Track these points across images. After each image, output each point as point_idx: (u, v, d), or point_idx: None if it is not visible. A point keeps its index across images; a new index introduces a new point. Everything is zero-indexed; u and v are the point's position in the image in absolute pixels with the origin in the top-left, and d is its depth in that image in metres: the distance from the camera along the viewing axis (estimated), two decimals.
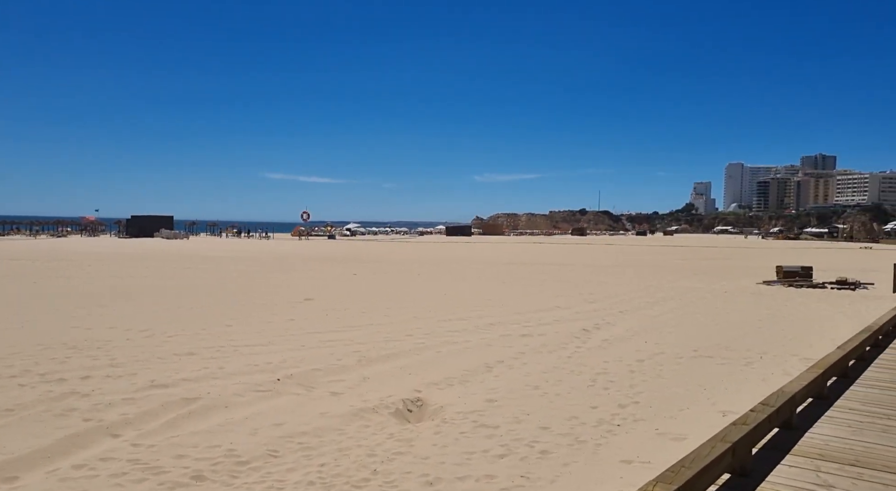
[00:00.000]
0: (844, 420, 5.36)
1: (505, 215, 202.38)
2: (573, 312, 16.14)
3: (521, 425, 6.90)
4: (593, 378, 9.05)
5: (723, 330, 13.64)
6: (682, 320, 15.04)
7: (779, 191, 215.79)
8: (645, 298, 19.73)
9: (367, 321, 13.94)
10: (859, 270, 34.56)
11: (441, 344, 11.44)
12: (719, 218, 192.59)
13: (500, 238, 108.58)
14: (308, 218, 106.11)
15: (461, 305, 17.04)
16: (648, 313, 16.22)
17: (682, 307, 17.76)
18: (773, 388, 8.65)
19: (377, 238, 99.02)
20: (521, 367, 9.78)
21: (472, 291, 21.23)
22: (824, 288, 24.40)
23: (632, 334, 12.85)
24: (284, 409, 7.30)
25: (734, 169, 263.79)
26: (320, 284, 22.63)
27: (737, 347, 11.64)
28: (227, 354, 10.21)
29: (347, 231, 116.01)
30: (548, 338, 12.22)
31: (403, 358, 10.22)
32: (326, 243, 75.37)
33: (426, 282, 24.46)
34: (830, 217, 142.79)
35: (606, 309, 16.88)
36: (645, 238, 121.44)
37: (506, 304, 17.61)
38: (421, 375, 9.12)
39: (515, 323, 14.01)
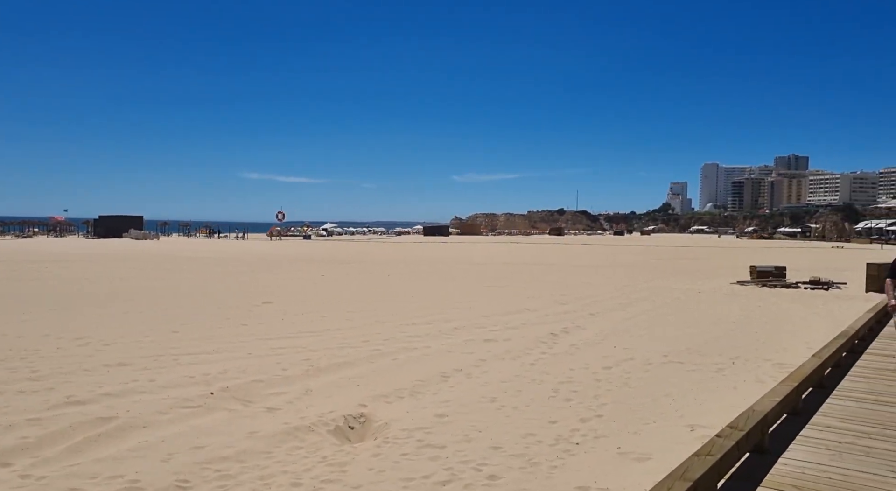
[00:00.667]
0: (822, 441, 4.81)
1: (483, 215, 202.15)
2: (542, 314, 15.56)
3: (471, 445, 6.26)
4: (556, 388, 8.45)
5: (695, 333, 13.16)
6: (654, 323, 14.55)
7: (753, 191, 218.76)
8: (618, 300, 19.26)
9: (324, 326, 13.21)
10: (832, 269, 34.62)
11: (399, 351, 10.77)
12: (695, 218, 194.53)
13: (477, 238, 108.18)
14: (283, 218, 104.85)
15: (427, 308, 16.38)
16: (620, 315, 15.71)
17: (656, 309, 17.30)
18: (745, 396, 8.15)
19: (354, 238, 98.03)
20: (479, 376, 9.14)
21: (441, 292, 20.59)
22: (797, 288, 24.21)
23: (601, 338, 12.30)
24: (209, 428, 6.57)
25: (710, 169, 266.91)
26: (284, 286, 21.80)
27: (709, 351, 11.14)
28: (164, 363, 9.42)
29: (324, 231, 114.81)
30: (513, 343, 11.61)
31: (355, 367, 9.53)
32: (301, 244, 74.20)
33: (395, 283, 23.76)
34: (803, 217, 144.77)
35: (577, 311, 16.35)
36: (622, 238, 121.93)
37: (474, 306, 16.99)
38: (371, 386, 8.43)
39: (481, 327, 13.38)
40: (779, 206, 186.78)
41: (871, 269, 22.92)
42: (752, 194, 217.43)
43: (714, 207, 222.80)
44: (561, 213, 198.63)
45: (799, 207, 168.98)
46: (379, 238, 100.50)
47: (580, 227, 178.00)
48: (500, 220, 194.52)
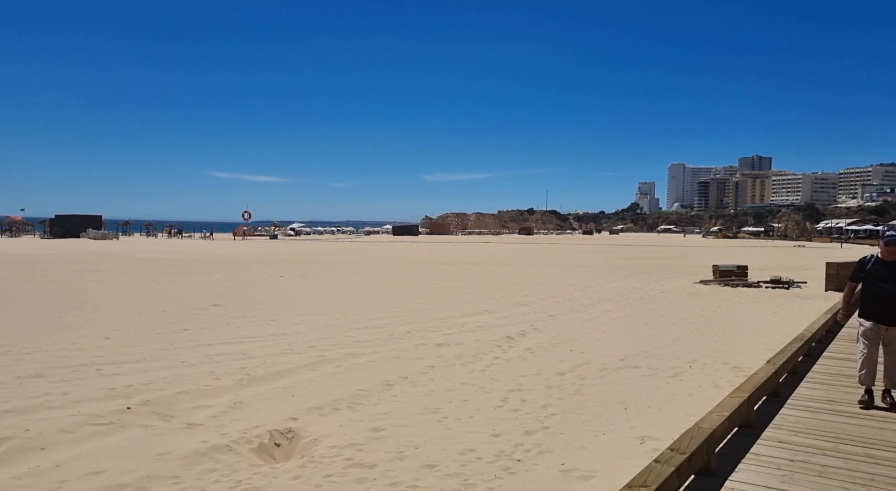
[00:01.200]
0: (773, 460, 4.41)
1: (454, 215, 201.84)
2: (501, 316, 15.14)
3: (404, 463, 5.75)
4: (504, 397, 7.99)
5: (654, 335, 12.87)
6: (613, 325, 14.23)
7: (718, 191, 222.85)
8: (580, 300, 18.96)
9: (271, 330, 12.56)
10: (793, 268, 35.01)
11: (344, 357, 10.20)
12: (663, 217, 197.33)
13: (446, 238, 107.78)
14: (249, 217, 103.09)
15: (383, 310, 15.82)
16: (581, 317, 15.37)
17: (617, 310, 17.03)
18: (699, 404, 7.80)
19: (322, 238, 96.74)
20: (425, 384, 8.64)
21: (401, 293, 20.04)
22: (759, 287, 24.27)
23: (558, 342, 11.90)
24: (115, 449, 5.93)
25: (676, 169, 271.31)
26: (238, 288, 21.00)
27: (666, 354, 10.82)
28: (85, 374, 8.70)
29: (291, 231, 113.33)
30: (466, 347, 11.14)
31: (294, 375, 8.94)
32: (266, 243, 72.83)
33: (355, 284, 23.13)
34: (766, 216, 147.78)
35: (537, 312, 15.97)
36: (591, 237, 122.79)
37: (432, 307, 16.49)
38: (307, 396, 7.86)
39: (435, 330, 12.88)
40: (743, 206, 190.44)
41: (831, 268, 23.08)
42: (718, 194, 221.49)
43: (681, 207, 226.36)
44: (531, 213, 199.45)
45: (762, 207, 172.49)
46: (347, 238, 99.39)
47: (550, 227, 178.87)
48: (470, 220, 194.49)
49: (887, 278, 5.99)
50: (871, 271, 6.15)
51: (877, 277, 6.07)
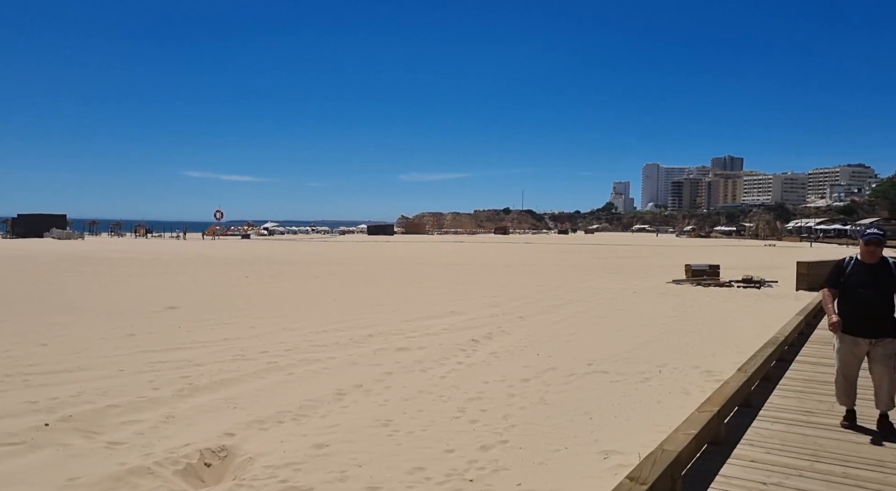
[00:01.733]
0: (745, 484, 3.97)
1: (430, 214, 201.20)
2: (468, 318, 14.65)
3: (345, 485, 5.21)
4: (463, 406, 7.48)
5: (625, 337, 12.49)
6: (584, 326, 13.83)
7: (692, 191, 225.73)
8: (551, 301, 18.56)
9: (223, 335, 11.90)
10: (764, 267, 35.17)
11: (297, 363, 9.61)
12: (637, 217, 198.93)
13: (422, 237, 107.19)
14: (221, 217, 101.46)
15: (347, 312, 15.23)
16: (550, 318, 14.95)
17: (588, 310, 16.66)
18: (668, 413, 7.38)
19: (296, 238, 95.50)
20: (381, 392, 8.10)
21: (367, 294, 19.45)
22: (731, 286, 24.18)
23: (525, 345, 11.44)
24: (20, 474, 5.29)
25: (651, 169, 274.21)
26: (199, 289, 20.21)
27: (636, 357, 10.42)
28: (9, 386, 7.99)
29: (265, 230, 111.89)
30: (428, 351, 10.61)
31: (240, 384, 8.32)
32: (238, 243, 71.58)
33: (322, 285, 22.47)
34: (738, 216, 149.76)
35: (506, 314, 15.51)
36: (566, 237, 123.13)
37: (398, 309, 15.94)
38: (250, 408, 7.27)
39: (398, 333, 12.33)
40: (716, 206, 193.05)
41: (801, 267, 23.06)
42: (691, 194, 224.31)
43: (655, 207, 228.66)
44: (507, 213, 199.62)
45: (734, 207, 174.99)
46: (322, 237, 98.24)
47: (526, 227, 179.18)
48: (446, 220, 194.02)
49: (868, 283, 5.14)
50: (850, 275, 5.29)
51: (856, 283, 5.22)
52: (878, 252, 5.23)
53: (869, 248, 5.23)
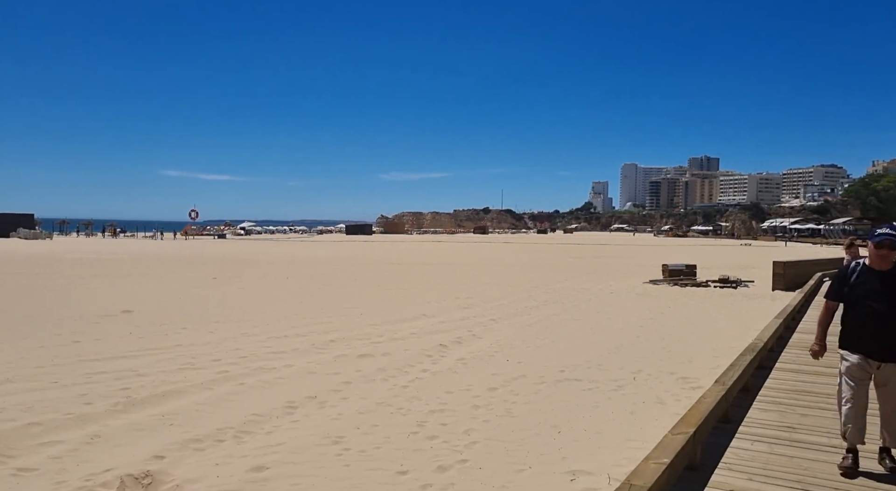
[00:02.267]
0: None
1: (410, 214, 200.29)
2: (439, 321, 14.10)
3: None
4: (422, 421, 6.93)
5: (599, 340, 12.05)
6: (558, 329, 13.36)
7: (669, 190, 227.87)
8: (525, 302, 18.10)
9: (176, 341, 11.20)
10: (740, 266, 35.17)
11: (250, 372, 8.97)
12: (616, 216, 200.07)
13: (400, 237, 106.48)
14: (196, 216, 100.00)
15: (312, 315, 14.59)
16: (524, 321, 14.47)
17: (563, 312, 16.21)
18: (642, 425, 6.90)
19: (273, 237, 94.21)
20: (336, 405, 7.52)
21: (337, 296, 18.81)
22: (708, 286, 23.97)
23: (496, 350, 10.93)
24: None
25: (629, 169, 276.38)
26: (161, 291, 19.39)
27: (610, 363, 9.96)
28: None
29: (242, 230, 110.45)
30: (392, 358, 10.05)
31: (183, 397, 7.68)
32: (213, 243, 70.25)
33: (291, 286, 21.76)
34: (715, 215, 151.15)
35: (478, 316, 15.00)
36: (545, 236, 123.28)
37: (367, 312, 15.34)
38: (188, 425, 6.64)
39: (363, 338, 11.74)
40: (693, 205, 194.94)
41: (778, 267, 22.92)
42: (669, 194, 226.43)
43: (633, 206, 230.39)
44: (486, 212, 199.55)
45: (711, 206, 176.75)
46: (299, 237, 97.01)
47: (505, 226, 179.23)
48: (426, 219, 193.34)
49: (879, 295, 4.24)
50: (857, 285, 4.39)
51: (864, 294, 4.31)
52: (891, 257, 4.29)
53: (881, 251, 4.27)
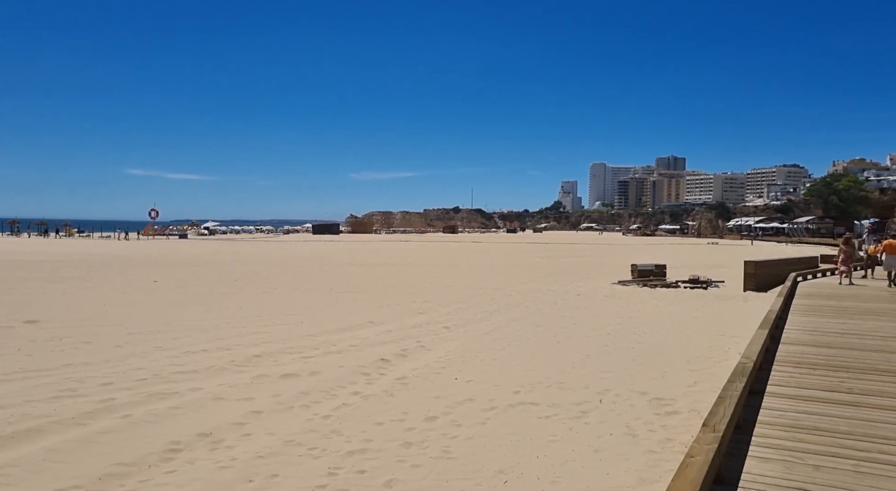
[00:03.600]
0: None
1: (380, 213, 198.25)
2: (386, 330, 12.67)
3: None
4: (335, 467, 5.51)
5: (562, 351, 10.77)
6: (517, 338, 12.05)
7: (637, 190, 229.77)
8: (486, 306, 16.78)
9: (70, 359, 9.54)
10: (709, 266, 34.50)
11: (142, 400, 7.43)
12: (585, 215, 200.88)
13: (367, 236, 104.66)
14: (157, 215, 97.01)
15: (246, 324, 13.01)
16: (481, 328, 13.13)
17: (525, 317, 14.93)
18: (608, 469, 5.53)
19: (237, 237, 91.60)
20: (233, 444, 6.04)
21: (283, 301, 17.22)
22: (678, 287, 23.01)
23: (444, 365, 9.55)
24: None
25: (598, 169, 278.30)
26: (84, 297, 17.53)
27: (573, 380, 8.67)
28: None
29: (206, 230, 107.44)
30: (320, 378, 8.59)
31: (37, 440, 6.08)
32: (173, 243, 67.70)
33: (235, 291, 20.08)
34: (682, 214, 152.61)
35: (432, 323, 13.62)
36: (514, 235, 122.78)
37: (308, 320, 13.82)
38: (22, 483, 5.09)
39: (294, 352, 10.25)
40: (660, 205, 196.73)
41: (749, 267, 22.05)
42: (637, 193, 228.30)
43: (602, 205, 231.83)
44: (456, 212, 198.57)
45: (678, 205, 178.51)
46: (265, 237, 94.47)
47: (475, 225, 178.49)
48: (396, 218, 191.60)
49: None
50: None
51: None
52: None
53: None
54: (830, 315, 11.79)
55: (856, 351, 8.17)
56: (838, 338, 9.19)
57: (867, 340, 9.02)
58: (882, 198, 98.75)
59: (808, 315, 11.73)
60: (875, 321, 10.99)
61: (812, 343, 8.76)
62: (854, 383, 6.41)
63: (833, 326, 10.34)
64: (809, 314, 11.87)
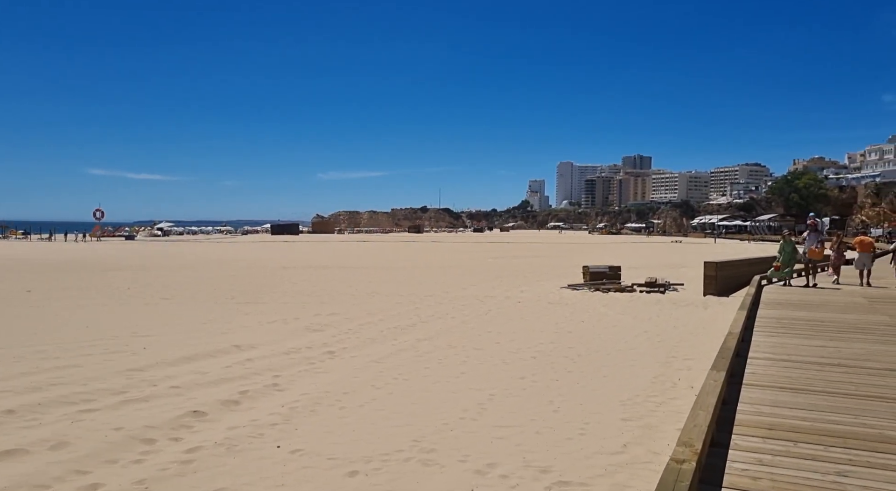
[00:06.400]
0: None
1: (346, 213, 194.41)
2: (247, 358, 9.82)
3: None
4: None
5: (462, 389, 8.12)
6: (413, 368, 9.36)
7: (604, 188, 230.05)
8: (401, 320, 14.09)
9: None
10: (670, 266, 32.46)
11: None
12: (552, 214, 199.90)
13: (326, 237, 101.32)
14: (102, 216, 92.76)
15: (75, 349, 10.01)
16: (375, 353, 10.41)
17: (441, 334, 12.28)
18: None
19: (192, 238, 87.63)
20: None
21: (152, 316, 14.21)
22: (633, 291, 20.68)
23: (282, 419, 6.78)
24: None
25: (565, 168, 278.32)
26: None
27: (450, 447, 6.00)
28: None
29: (159, 231, 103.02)
30: (66, 453, 5.74)
31: None
32: (116, 245, 63.63)
33: (109, 302, 17.01)
34: (647, 213, 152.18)
35: (317, 346, 10.86)
36: (480, 235, 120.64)
37: (155, 344, 10.89)
38: None
39: (85, 401, 7.35)
40: (626, 203, 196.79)
41: (709, 268, 19.79)
42: (604, 192, 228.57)
43: (569, 204, 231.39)
44: (424, 211, 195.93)
45: (644, 204, 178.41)
46: (221, 238, 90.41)
47: (443, 225, 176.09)
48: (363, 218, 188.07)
49: None
50: None
51: None
52: None
53: None
54: (805, 333, 9.39)
55: (850, 398, 5.69)
56: (819, 373, 6.73)
57: (862, 377, 6.57)
58: (841, 196, 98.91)
59: (778, 334, 9.31)
60: (862, 343, 8.60)
61: (786, 382, 6.28)
62: (861, 474, 3.88)
63: (810, 352, 7.90)
64: (779, 332, 9.45)
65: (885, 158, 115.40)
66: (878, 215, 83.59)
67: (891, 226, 70.61)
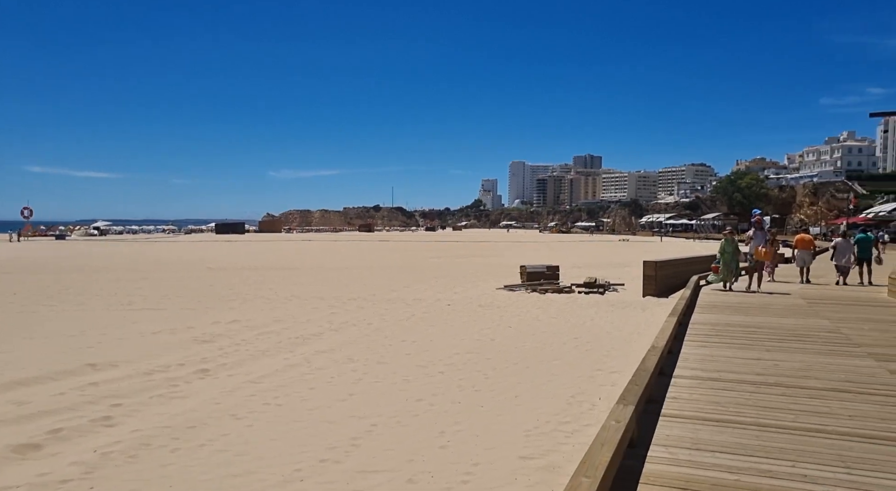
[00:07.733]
0: None
1: (298, 212, 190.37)
2: (90, 381, 8.15)
3: None
4: None
5: (342, 418, 6.75)
6: (293, 390, 7.93)
7: (555, 188, 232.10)
8: (308, 328, 12.62)
9: None
10: (615, 265, 31.85)
11: None
12: (505, 213, 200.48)
13: (272, 236, 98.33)
14: (30, 215, 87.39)
15: None
16: (256, 371, 8.93)
17: (346, 346, 10.87)
18: None
19: (131, 238, 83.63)
20: None
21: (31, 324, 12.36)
22: (571, 292, 19.72)
23: (85, 472, 5.29)
24: None
25: (517, 167, 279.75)
26: None
27: (341, 479, 4.65)
28: None
29: (95, 230, 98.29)
30: None
31: None
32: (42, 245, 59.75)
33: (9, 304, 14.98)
34: (598, 212, 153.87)
35: (192, 362, 9.29)
36: (432, 234, 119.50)
37: (8, 359, 9.16)
38: None
39: None
40: (577, 202, 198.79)
41: (648, 268, 18.95)
42: (555, 191, 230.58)
43: (521, 203, 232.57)
44: (377, 210, 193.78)
45: (594, 203, 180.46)
46: (161, 237, 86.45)
47: (396, 224, 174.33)
48: (314, 217, 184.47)
49: None
50: None
51: None
52: None
53: None
54: (740, 342, 8.38)
55: (787, 434, 4.58)
56: (753, 395, 5.64)
57: (801, 400, 5.50)
58: (781, 195, 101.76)
59: (710, 344, 8.27)
60: (801, 354, 7.61)
61: (712, 410, 5.15)
62: None
63: (744, 368, 6.84)
64: (712, 342, 8.42)
65: (821, 159, 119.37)
66: (816, 214, 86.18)
67: (828, 224, 72.60)
